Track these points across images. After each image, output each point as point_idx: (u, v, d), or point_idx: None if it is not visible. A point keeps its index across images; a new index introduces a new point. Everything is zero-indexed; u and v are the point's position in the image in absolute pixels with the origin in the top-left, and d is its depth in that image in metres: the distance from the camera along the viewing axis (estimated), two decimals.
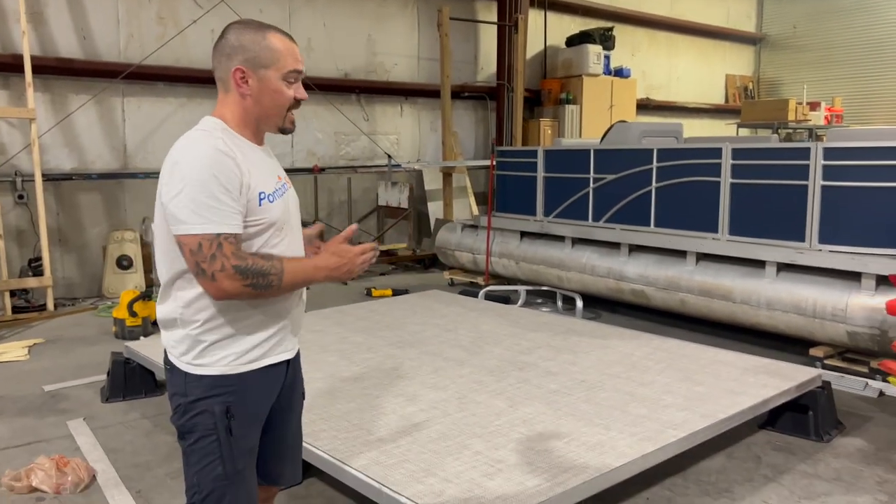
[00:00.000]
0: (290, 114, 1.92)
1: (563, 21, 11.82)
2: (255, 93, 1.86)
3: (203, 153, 1.75)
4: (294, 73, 1.88)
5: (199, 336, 1.84)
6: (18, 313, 6.51)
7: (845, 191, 4.78)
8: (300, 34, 8.91)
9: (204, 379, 1.84)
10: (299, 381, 2.13)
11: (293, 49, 1.90)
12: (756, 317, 5.16)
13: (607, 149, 6.35)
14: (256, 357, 1.89)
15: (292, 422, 2.10)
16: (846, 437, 3.81)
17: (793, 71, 15.15)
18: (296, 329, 2.01)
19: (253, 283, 1.74)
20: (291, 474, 2.15)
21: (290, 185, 2.03)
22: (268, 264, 1.76)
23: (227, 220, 1.73)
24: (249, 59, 1.84)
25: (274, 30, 1.89)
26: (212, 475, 1.83)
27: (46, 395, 4.50)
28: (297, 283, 1.82)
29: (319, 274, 1.85)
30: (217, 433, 1.82)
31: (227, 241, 1.72)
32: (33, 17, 7.08)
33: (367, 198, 9.65)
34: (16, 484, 3.17)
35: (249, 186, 1.80)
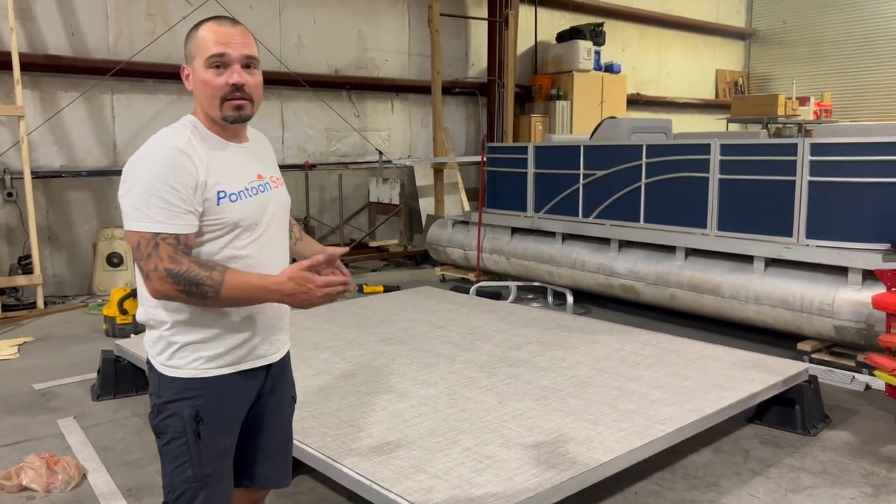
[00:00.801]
0: (230, 101, 1.80)
1: (553, 17, 11.83)
2: (193, 87, 1.84)
3: (158, 151, 1.74)
4: (215, 58, 1.78)
5: (170, 337, 1.83)
6: (8, 311, 6.49)
7: (832, 186, 4.82)
8: (290, 31, 8.90)
9: (175, 381, 1.83)
10: (287, 385, 2.09)
11: (221, 33, 1.79)
12: (745, 311, 5.20)
13: (597, 145, 6.37)
14: (229, 362, 1.86)
15: (280, 425, 2.07)
16: (833, 431, 3.85)
17: (783, 66, 15.21)
18: (274, 334, 1.95)
19: (185, 290, 1.68)
20: (280, 477, 2.12)
21: (279, 185, 1.98)
22: (204, 274, 1.68)
23: (169, 219, 1.69)
24: (187, 55, 1.85)
25: (211, 20, 1.84)
26: (182, 476, 1.83)
27: (37, 394, 4.50)
28: (239, 299, 1.73)
29: (270, 297, 1.73)
30: (186, 436, 1.81)
31: (164, 241, 1.69)
32: (21, 14, 7.04)
33: (359, 194, 9.65)
34: (6, 483, 3.17)
35: (206, 185, 1.75)
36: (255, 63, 1.86)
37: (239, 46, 1.81)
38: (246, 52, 1.82)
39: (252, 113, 1.87)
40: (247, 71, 1.83)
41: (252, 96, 1.85)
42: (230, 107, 1.81)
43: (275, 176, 1.99)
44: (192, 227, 1.74)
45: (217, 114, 1.82)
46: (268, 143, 2.11)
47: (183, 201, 1.71)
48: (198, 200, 1.74)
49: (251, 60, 1.84)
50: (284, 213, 2.00)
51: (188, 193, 1.72)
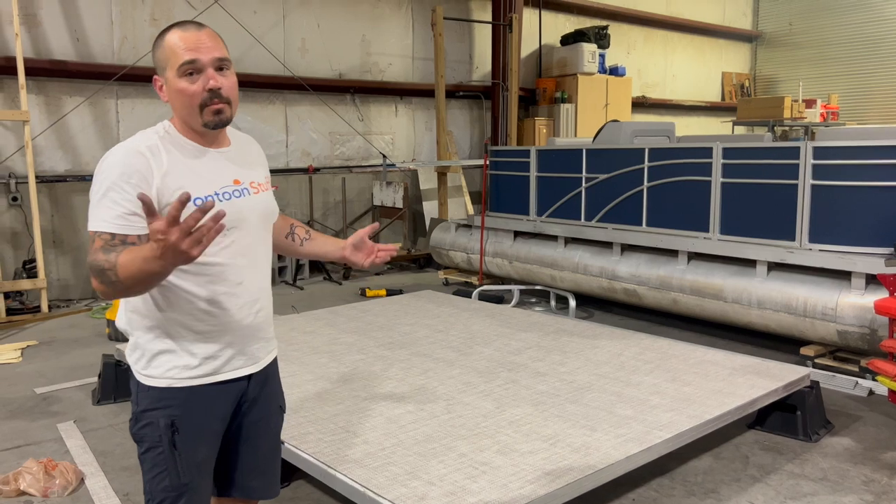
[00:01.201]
0: (209, 107, 1.78)
1: (558, 20, 11.82)
2: (169, 98, 1.82)
3: (118, 152, 1.74)
4: (187, 65, 1.75)
5: (145, 345, 1.83)
6: (13, 315, 6.52)
7: (835, 190, 4.79)
8: (294, 35, 8.92)
9: (151, 390, 1.82)
10: (273, 395, 2.06)
11: (190, 38, 1.76)
12: (747, 316, 5.17)
13: (599, 148, 6.35)
14: (205, 372, 1.84)
15: (266, 436, 2.04)
16: (834, 437, 3.82)
17: (789, 68, 15.14)
18: (252, 344, 1.92)
19: (101, 280, 1.62)
20: (267, 488, 2.09)
21: (260, 191, 1.94)
22: (104, 258, 1.61)
23: (111, 218, 1.68)
24: (158, 66, 1.83)
25: (176, 26, 1.81)
26: (160, 485, 1.83)
27: (38, 398, 4.51)
28: (134, 275, 1.56)
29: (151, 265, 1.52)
30: (163, 446, 1.80)
31: (100, 237, 1.67)
32: (27, 20, 7.09)
33: (363, 198, 9.65)
34: (4, 487, 3.18)
35: (166, 187, 1.72)
36: (227, 64, 1.83)
37: (209, 50, 1.78)
38: (217, 54, 1.79)
39: (231, 115, 1.84)
40: (220, 74, 1.80)
41: (229, 99, 1.82)
42: (210, 112, 1.79)
43: (257, 181, 1.95)
44: (135, 228, 1.68)
45: (198, 121, 1.80)
46: (256, 147, 2.08)
47: (130, 202, 1.68)
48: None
49: (223, 62, 1.81)
50: (265, 218, 1.96)
51: (136, 195, 1.64)
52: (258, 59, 8.53)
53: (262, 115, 8.79)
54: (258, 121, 8.75)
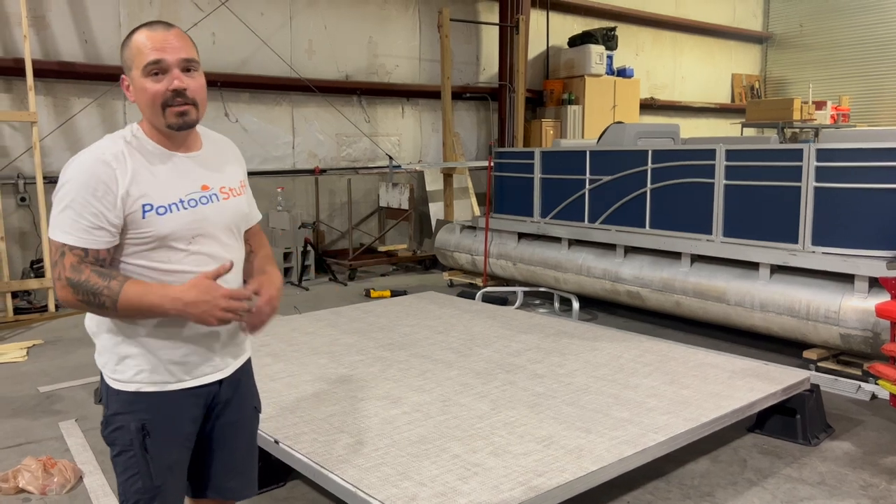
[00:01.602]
0: (173, 108, 1.75)
1: (566, 21, 11.80)
2: (135, 98, 1.80)
3: (82, 161, 1.73)
4: (152, 65, 1.73)
5: (112, 348, 1.82)
6: (20, 314, 6.58)
7: (838, 192, 4.75)
8: (301, 37, 8.96)
9: (121, 394, 1.82)
10: (246, 397, 2.04)
11: (156, 38, 1.74)
12: (750, 319, 5.14)
13: (603, 150, 6.34)
14: (173, 379, 1.83)
15: (241, 437, 2.03)
16: (834, 441, 3.79)
17: (800, 70, 15.05)
18: (219, 351, 1.90)
19: (85, 300, 1.67)
20: (243, 488, 2.08)
21: (231, 196, 1.90)
22: (102, 284, 1.66)
23: (77, 232, 1.69)
24: (125, 66, 1.80)
25: (144, 26, 1.79)
26: (133, 488, 1.83)
27: (41, 396, 4.55)
28: (137, 308, 1.68)
29: (170, 305, 1.67)
30: (134, 449, 1.80)
31: (71, 251, 1.68)
32: (35, 21, 7.16)
33: (369, 199, 9.68)
34: (3, 485, 3.21)
35: (129, 198, 1.71)
36: (194, 65, 1.80)
37: (175, 50, 1.76)
38: (183, 55, 1.77)
39: (197, 118, 1.82)
40: (187, 75, 1.78)
41: (195, 100, 1.79)
42: (173, 114, 1.76)
43: (228, 186, 1.91)
44: (101, 242, 1.71)
45: (161, 122, 1.78)
46: (231, 151, 2.03)
47: (94, 216, 1.69)
48: (117, 215, 1.71)
49: (190, 63, 1.79)
50: (235, 225, 1.92)
51: (102, 208, 1.69)
52: (265, 61, 8.58)
53: (269, 117, 8.84)
54: (265, 122, 8.79)
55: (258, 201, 7.55)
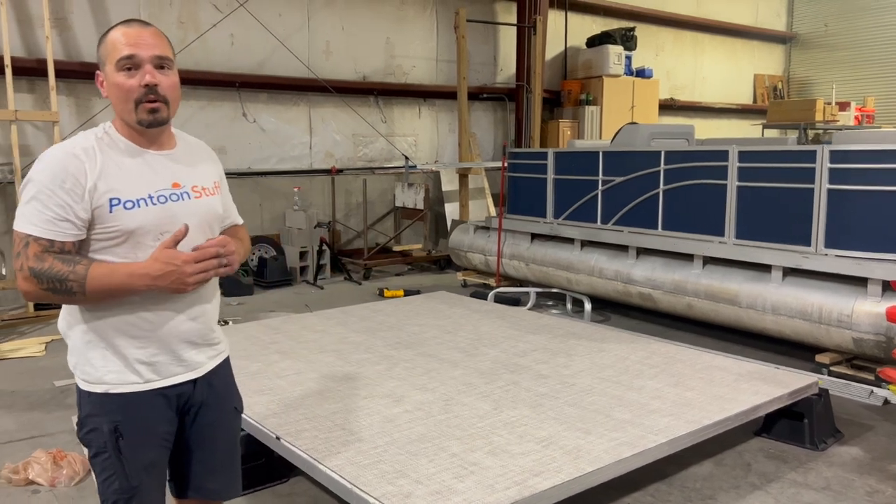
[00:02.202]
0: (144, 104, 1.77)
1: (584, 21, 11.76)
2: (108, 93, 1.81)
3: (51, 155, 1.74)
4: (125, 60, 1.75)
5: (82, 349, 1.83)
6: (40, 310, 6.70)
7: (852, 194, 4.69)
8: (319, 38, 9.03)
9: (92, 396, 1.83)
10: (225, 397, 2.04)
11: (131, 34, 1.77)
12: (762, 322, 5.09)
13: (616, 151, 6.31)
14: (142, 379, 1.83)
15: (222, 438, 2.03)
16: (843, 446, 3.75)
17: (824, 70, 14.83)
18: (189, 350, 1.90)
19: (51, 288, 1.66)
20: (227, 488, 2.09)
21: (203, 195, 1.90)
22: (66, 269, 1.66)
23: (42, 223, 1.69)
24: (100, 61, 1.82)
25: (121, 23, 1.81)
26: (111, 488, 1.84)
27: (56, 391, 4.65)
28: (105, 290, 1.69)
29: (138, 282, 1.68)
30: (108, 451, 1.81)
31: (36, 241, 1.69)
32: (58, 23, 7.29)
33: (385, 199, 9.72)
34: (13, 476, 3.29)
35: (96, 192, 1.72)
36: (168, 63, 1.82)
37: (149, 47, 1.78)
38: (157, 52, 1.79)
39: (168, 116, 1.83)
40: (160, 72, 1.80)
41: (167, 97, 1.81)
42: (144, 110, 1.78)
43: (200, 185, 1.91)
44: (67, 234, 1.72)
45: (132, 118, 1.79)
46: (206, 152, 2.05)
47: (61, 207, 1.70)
48: (84, 208, 1.72)
49: (164, 61, 1.81)
50: (207, 224, 1.91)
51: (69, 200, 1.70)
52: (283, 62, 8.65)
53: (287, 117, 8.91)
54: (283, 122, 8.87)
55: (275, 201, 7.69)
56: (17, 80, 6.77)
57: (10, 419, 4.16)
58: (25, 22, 7.14)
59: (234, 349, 3.11)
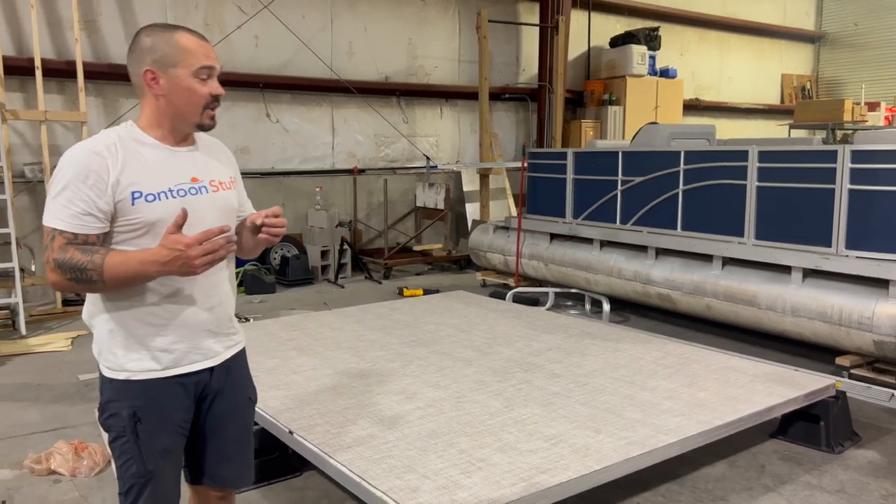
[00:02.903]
0: (208, 111, 1.92)
1: (608, 21, 11.71)
2: (167, 92, 1.88)
3: (75, 153, 1.83)
4: (205, 70, 1.89)
5: (104, 337, 1.91)
6: (68, 306, 6.87)
7: (873, 195, 4.63)
8: (342, 39, 9.11)
9: (113, 382, 1.91)
10: (240, 387, 2.11)
11: (203, 46, 1.91)
12: (781, 323, 5.04)
13: (635, 151, 6.29)
14: (161, 367, 1.91)
15: (235, 426, 2.10)
16: (859, 449, 3.70)
17: (854, 70, 14.59)
18: (208, 339, 1.98)
19: (74, 278, 1.75)
20: (239, 476, 2.15)
21: (220, 189, 2.00)
22: (85, 259, 1.75)
23: (68, 218, 1.78)
24: (158, 59, 1.87)
25: (182, 29, 1.92)
26: (128, 472, 1.92)
27: (80, 384, 4.76)
28: (124, 277, 1.77)
29: (150, 268, 1.76)
30: (127, 435, 1.88)
31: (61, 235, 1.78)
32: (87, 26, 7.46)
33: (406, 199, 9.77)
34: (36, 466, 3.38)
35: (119, 185, 1.81)
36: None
37: (217, 62, 1.94)
38: (220, 67, 1.96)
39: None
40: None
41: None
42: (208, 115, 1.93)
43: (217, 180, 2.01)
44: (90, 227, 1.80)
45: (195, 120, 1.92)
46: (223, 150, 2.15)
47: (84, 202, 1.79)
48: (107, 202, 1.81)
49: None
50: (224, 216, 1.99)
51: (92, 195, 1.79)
52: (306, 63, 8.75)
53: (310, 118, 9.01)
54: (305, 123, 8.97)
55: (297, 200, 7.82)
56: (47, 82, 6.94)
57: (35, 411, 4.27)
58: (55, 24, 7.31)
59: (252, 345, 3.17)
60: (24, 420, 4.13)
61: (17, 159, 7.10)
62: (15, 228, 6.21)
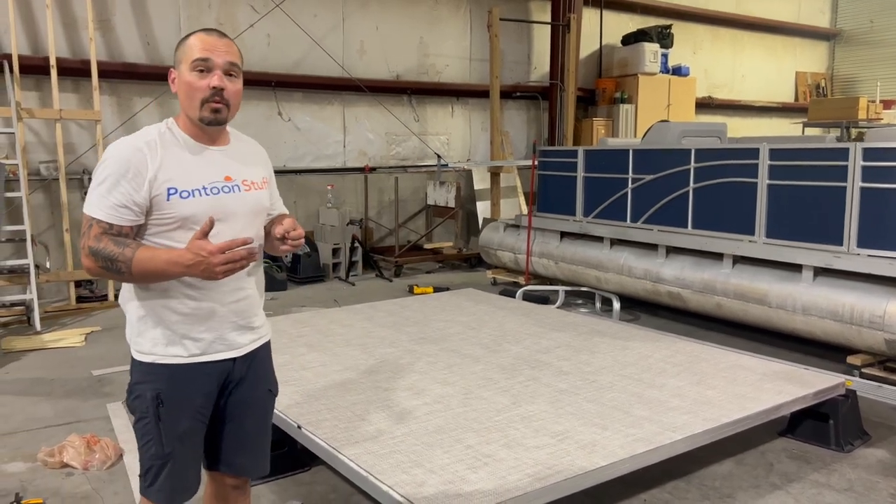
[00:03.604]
0: (209, 104, 1.93)
1: (620, 19, 11.67)
2: (178, 89, 1.97)
3: (119, 147, 1.91)
4: (199, 62, 1.91)
5: (136, 322, 2.00)
6: (82, 303, 6.94)
7: (885, 193, 4.60)
8: (353, 38, 9.14)
9: (142, 365, 2.00)
10: (261, 378, 2.17)
11: (208, 41, 1.94)
12: (792, 322, 5.02)
13: (646, 149, 6.27)
14: (188, 353, 1.98)
15: (253, 416, 2.15)
16: (869, 448, 3.68)
17: (870, 67, 14.46)
18: (235, 330, 2.04)
19: (105, 266, 1.84)
20: (256, 465, 2.21)
21: (252, 189, 2.06)
22: (117, 251, 1.82)
23: (105, 208, 1.86)
24: (175, 61, 1.99)
25: (201, 30, 1.98)
26: (149, 453, 2.00)
27: (93, 379, 4.82)
28: (150, 273, 1.84)
29: (174, 268, 1.82)
30: (149, 417, 1.96)
31: (98, 224, 1.86)
32: (101, 25, 7.53)
33: (417, 197, 9.79)
34: (49, 459, 3.43)
35: (156, 181, 1.88)
36: (236, 71, 1.98)
37: (223, 54, 1.95)
38: (229, 59, 1.95)
39: (227, 118, 1.99)
40: (228, 78, 1.96)
41: (229, 102, 1.97)
42: (208, 109, 1.94)
43: (249, 180, 2.06)
44: (125, 219, 1.88)
45: (196, 115, 1.95)
46: (258, 150, 2.22)
47: (122, 195, 1.87)
48: (143, 196, 1.88)
49: (233, 68, 1.97)
50: (255, 215, 2.07)
51: (130, 189, 1.87)
52: (317, 62, 8.79)
53: (321, 116, 9.05)
54: (317, 121, 9.01)
55: (309, 198, 7.89)
56: (62, 81, 7.01)
57: (48, 406, 4.33)
58: (70, 24, 7.38)
59: None
60: (38, 414, 4.19)
61: (32, 157, 7.18)
62: (30, 226, 6.29)
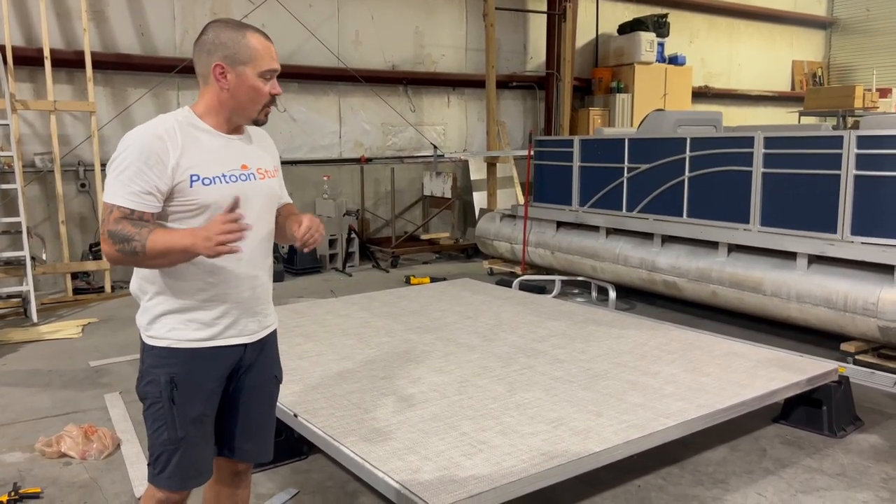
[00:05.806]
0: (266, 108, 2.06)
1: (616, 8, 11.65)
2: (233, 87, 2.00)
3: (138, 135, 1.93)
4: (269, 72, 2.01)
5: (151, 308, 2.02)
6: (78, 294, 6.95)
7: (880, 180, 4.61)
8: (348, 27, 9.12)
9: (155, 349, 2.02)
10: (268, 365, 2.22)
11: (270, 49, 2.03)
12: (787, 310, 5.05)
13: (641, 138, 6.28)
14: (203, 337, 2.02)
15: (259, 402, 2.20)
16: (861, 434, 3.72)
17: (866, 56, 14.45)
18: (249, 316, 2.10)
19: (121, 248, 1.85)
20: (259, 451, 2.25)
21: (266, 177, 2.12)
22: (134, 230, 1.85)
23: (128, 195, 1.88)
24: (229, 55, 1.98)
25: (252, 30, 2.03)
26: (160, 439, 2.01)
27: (91, 370, 4.83)
28: (159, 250, 1.85)
29: (180, 241, 1.84)
30: (162, 401, 1.98)
31: (119, 209, 1.88)
32: (95, 16, 7.50)
33: (413, 188, 9.79)
34: (47, 449, 3.45)
35: (179, 168, 1.92)
36: None
37: (278, 64, 2.06)
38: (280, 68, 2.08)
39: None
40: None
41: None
42: (265, 113, 2.07)
43: (264, 168, 2.13)
44: (147, 206, 1.90)
45: (253, 116, 2.05)
46: (268, 140, 2.27)
47: (145, 182, 1.89)
48: (166, 182, 1.91)
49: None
50: (268, 202, 2.15)
51: (153, 176, 1.89)
52: (313, 52, 8.77)
53: (317, 107, 9.03)
54: (313, 112, 8.99)
55: (305, 189, 7.90)
56: (56, 72, 6.98)
57: (46, 396, 4.34)
58: (64, 15, 7.35)
59: None
60: (36, 405, 4.21)
61: (27, 149, 7.17)
62: (26, 217, 6.28)
